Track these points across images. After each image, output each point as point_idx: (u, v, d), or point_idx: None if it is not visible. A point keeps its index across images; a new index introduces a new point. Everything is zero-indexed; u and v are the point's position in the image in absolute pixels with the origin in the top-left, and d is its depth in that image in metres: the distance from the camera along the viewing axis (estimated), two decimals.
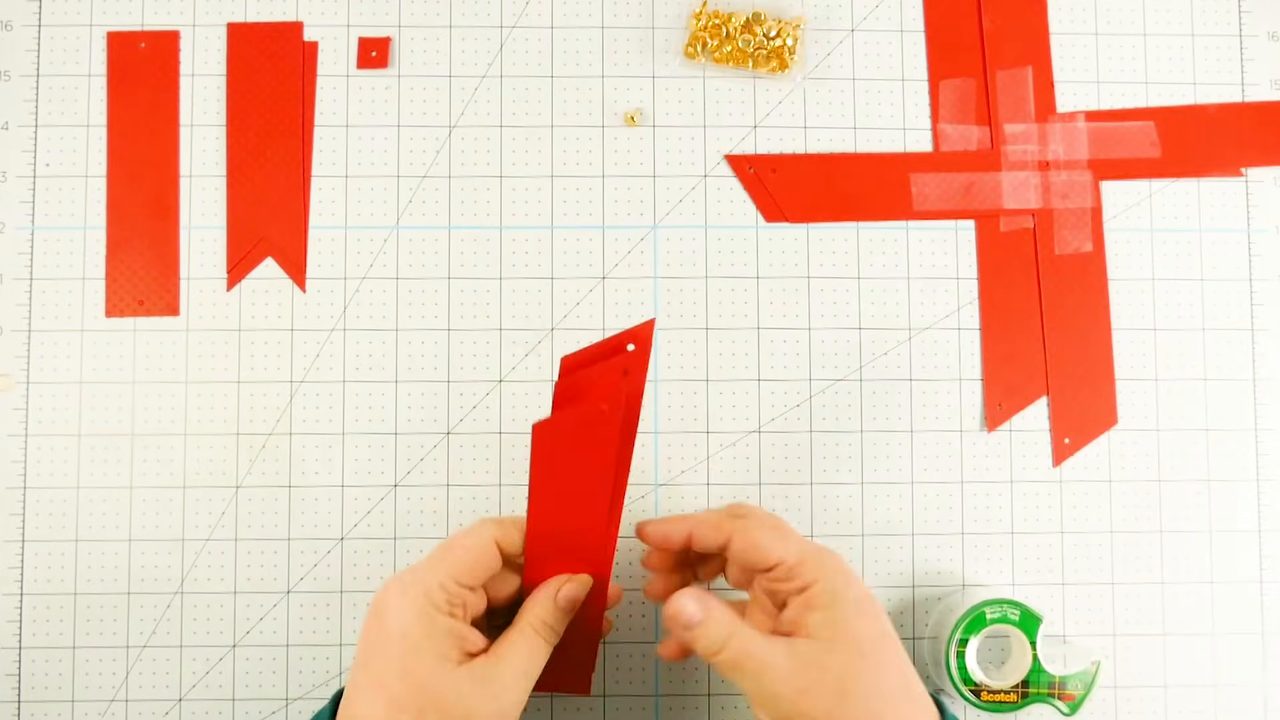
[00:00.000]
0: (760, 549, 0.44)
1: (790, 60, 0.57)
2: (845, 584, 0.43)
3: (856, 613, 0.42)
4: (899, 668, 0.42)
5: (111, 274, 0.55)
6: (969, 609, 0.51)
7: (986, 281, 0.57)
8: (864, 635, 0.42)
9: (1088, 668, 0.51)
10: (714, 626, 0.42)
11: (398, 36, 0.57)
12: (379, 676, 0.41)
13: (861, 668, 0.41)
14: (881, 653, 0.42)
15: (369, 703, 0.41)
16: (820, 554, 0.44)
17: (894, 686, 0.42)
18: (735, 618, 0.43)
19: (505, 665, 0.42)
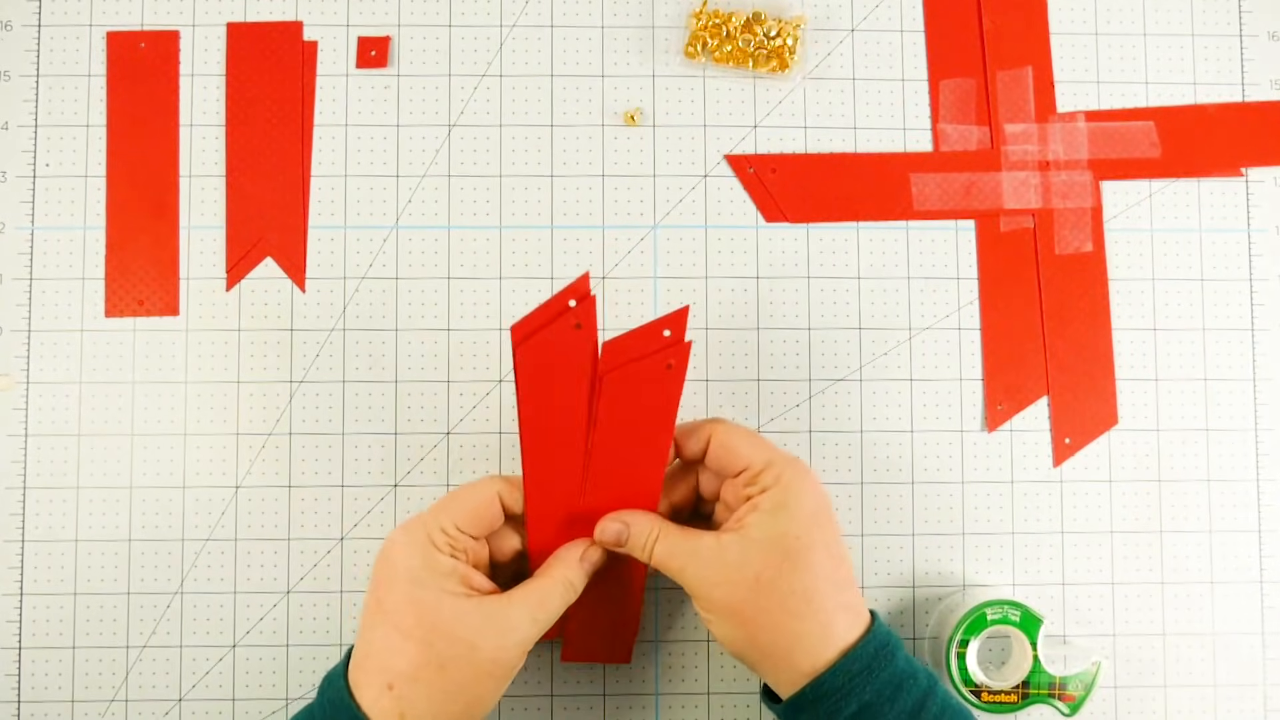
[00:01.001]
0: (732, 451, 0.46)
1: (790, 60, 0.57)
2: (798, 494, 0.44)
3: (796, 518, 0.43)
4: (829, 575, 0.44)
5: (111, 274, 0.55)
6: (970, 610, 0.51)
7: (986, 281, 0.57)
8: (794, 536, 0.43)
9: (1088, 668, 0.51)
10: (638, 533, 0.46)
11: (397, 36, 0.57)
12: (387, 610, 0.43)
13: (782, 566, 0.43)
14: (811, 556, 0.43)
15: (379, 634, 0.43)
16: (787, 464, 0.45)
17: (819, 589, 0.43)
18: (658, 520, 0.46)
19: (516, 606, 0.44)
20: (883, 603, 0.55)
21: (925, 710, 0.43)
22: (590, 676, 0.54)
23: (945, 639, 0.52)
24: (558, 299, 0.45)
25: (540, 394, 0.45)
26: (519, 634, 0.43)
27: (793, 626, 0.43)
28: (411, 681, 0.42)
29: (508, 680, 0.44)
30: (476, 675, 0.43)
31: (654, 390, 0.46)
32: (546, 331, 0.45)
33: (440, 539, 0.44)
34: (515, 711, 0.54)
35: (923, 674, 0.44)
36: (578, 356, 0.45)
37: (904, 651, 0.45)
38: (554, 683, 0.54)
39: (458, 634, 0.42)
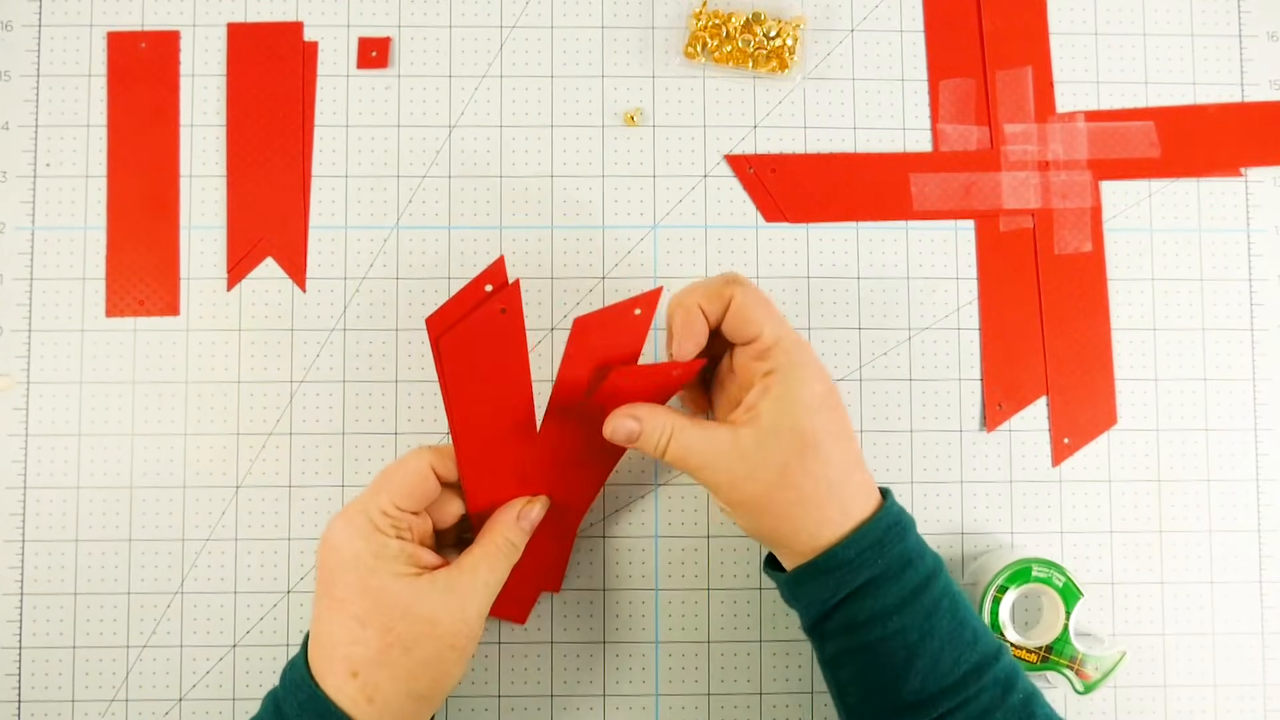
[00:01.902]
0: (746, 318, 0.45)
1: (790, 60, 0.57)
2: (804, 378, 0.44)
3: (808, 406, 0.44)
4: (842, 460, 0.44)
5: (111, 274, 0.55)
6: (1017, 559, 0.52)
7: (986, 281, 0.57)
8: (809, 427, 0.43)
9: (1111, 654, 0.52)
10: (652, 429, 0.45)
11: (398, 36, 0.57)
12: (340, 599, 0.43)
13: (804, 456, 0.43)
14: (826, 445, 0.44)
15: (337, 623, 0.43)
16: (794, 344, 0.45)
17: (835, 476, 0.44)
18: (673, 415, 0.45)
19: (465, 575, 0.44)
20: None
21: (929, 589, 0.43)
22: (590, 677, 0.54)
23: (983, 585, 0.52)
24: (472, 286, 0.45)
25: (469, 379, 0.45)
26: (475, 603, 0.44)
27: (814, 513, 0.43)
28: (376, 666, 0.42)
29: (471, 650, 0.45)
30: (440, 650, 0.43)
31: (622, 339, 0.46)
32: (469, 321, 0.44)
33: (383, 521, 0.44)
34: (515, 711, 0.54)
35: (930, 555, 0.45)
36: (507, 338, 0.45)
37: (915, 533, 0.45)
38: (554, 683, 0.54)
39: (417, 614, 0.43)
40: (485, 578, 0.45)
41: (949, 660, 0.43)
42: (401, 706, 0.43)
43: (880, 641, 0.43)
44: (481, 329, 0.44)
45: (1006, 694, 0.43)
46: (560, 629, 0.55)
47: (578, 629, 0.55)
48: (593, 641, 0.55)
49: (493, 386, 0.46)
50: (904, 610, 0.43)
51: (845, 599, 0.43)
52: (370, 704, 0.42)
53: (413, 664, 0.43)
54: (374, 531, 0.43)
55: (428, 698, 0.44)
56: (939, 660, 0.43)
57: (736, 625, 0.55)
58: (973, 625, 0.44)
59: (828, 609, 0.44)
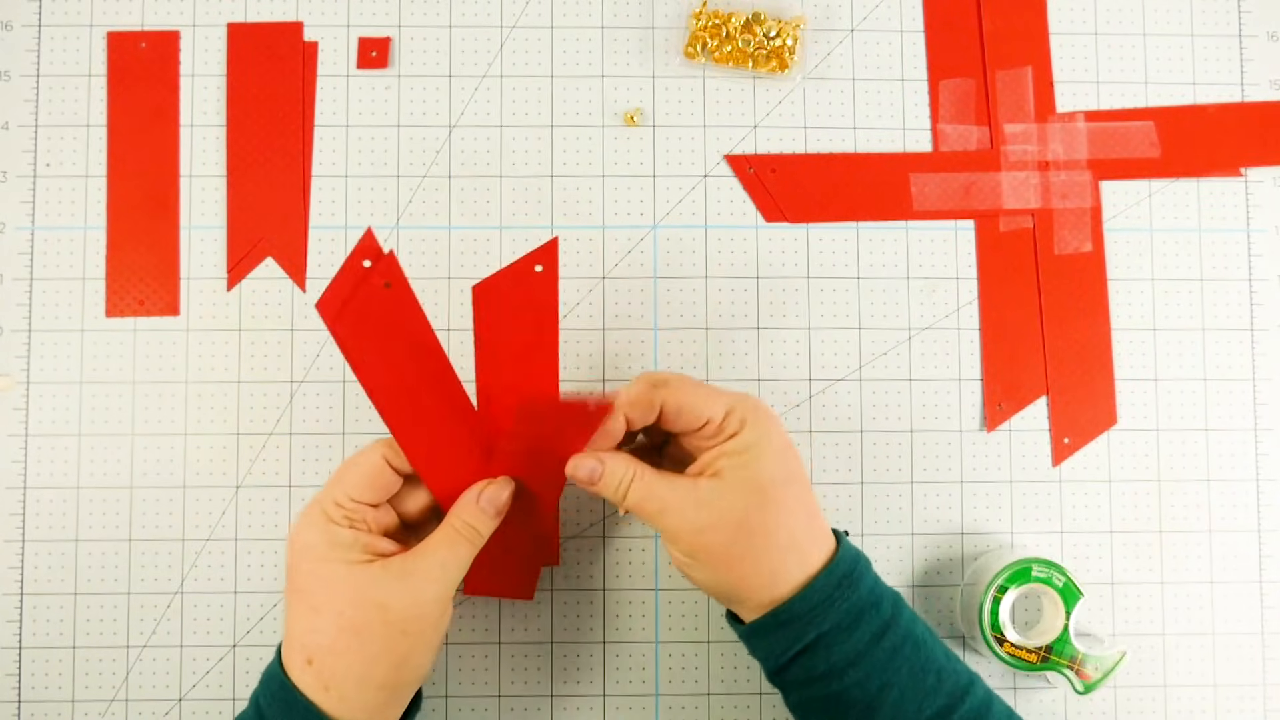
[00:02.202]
0: (690, 410, 0.45)
1: (790, 60, 0.57)
2: (766, 433, 0.44)
3: (768, 458, 0.44)
4: (802, 511, 0.44)
5: (111, 274, 0.55)
6: (1017, 559, 0.52)
7: (986, 281, 0.57)
8: (770, 478, 0.44)
9: (1111, 654, 0.52)
10: (612, 473, 0.45)
11: (398, 36, 0.57)
12: (298, 589, 0.43)
13: (765, 508, 0.43)
14: (785, 495, 0.44)
15: (296, 613, 0.43)
16: (748, 407, 0.45)
17: (794, 526, 0.44)
18: (634, 461, 0.45)
19: (421, 560, 0.44)
20: None
21: (886, 637, 0.43)
22: (590, 677, 0.54)
23: (983, 585, 0.52)
24: (349, 264, 0.44)
25: (377, 359, 0.44)
26: (430, 588, 0.43)
27: (774, 564, 0.43)
28: (329, 653, 0.42)
29: (431, 637, 0.44)
30: (392, 635, 0.42)
31: (530, 298, 0.46)
32: (356, 299, 0.43)
33: (336, 513, 0.44)
34: (515, 712, 0.54)
35: (887, 602, 0.44)
36: (401, 312, 0.44)
37: (871, 576, 0.45)
38: (554, 683, 0.54)
39: (366, 599, 0.42)
40: (442, 560, 0.44)
41: (911, 708, 0.42)
42: (360, 695, 0.42)
43: (841, 693, 0.43)
44: (372, 306, 0.44)
45: None
46: (560, 629, 0.55)
47: (578, 629, 0.55)
48: (593, 641, 0.55)
49: (404, 364, 0.45)
50: (861, 662, 0.42)
51: (802, 651, 0.43)
52: (327, 691, 0.42)
53: (366, 651, 0.42)
54: (326, 522, 0.43)
55: (389, 686, 0.43)
56: (901, 708, 0.42)
57: None
58: (937, 667, 0.43)
59: (785, 661, 0.44)
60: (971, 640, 0.54)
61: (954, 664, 0.44)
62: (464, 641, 0.54)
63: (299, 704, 0.42)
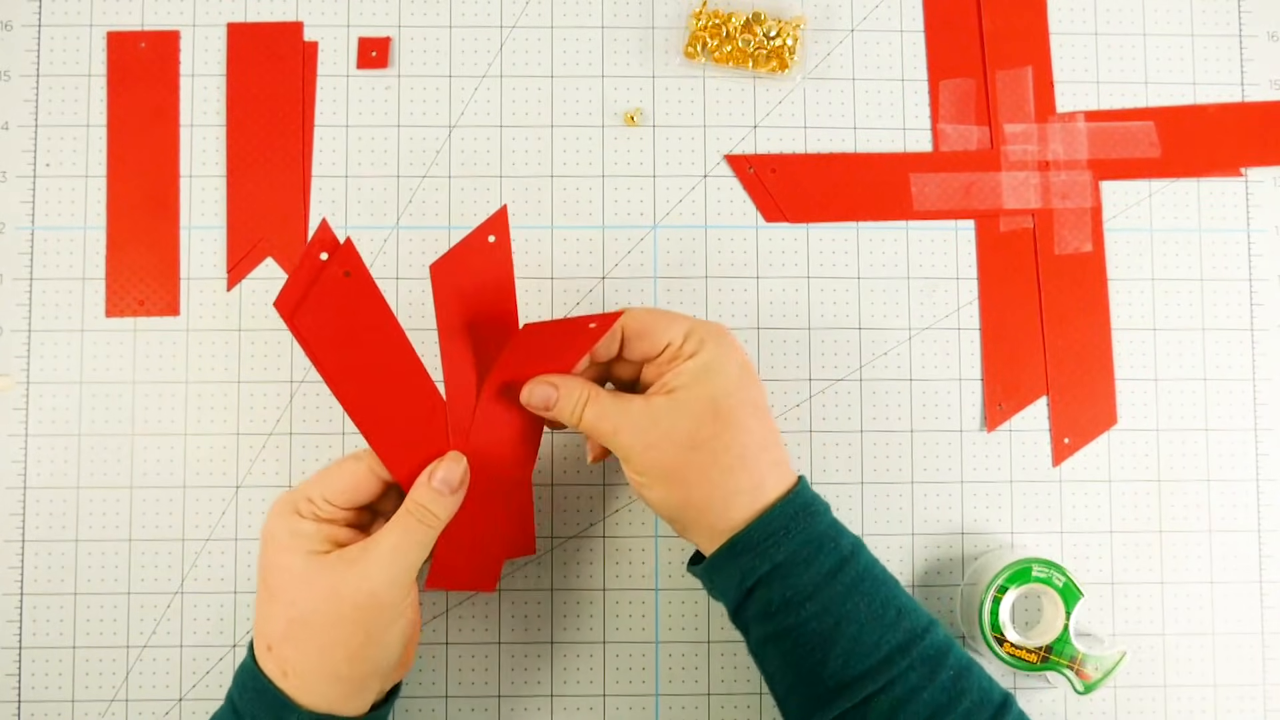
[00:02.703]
0: (649, 335, 0.45)
1: (790, 60, 0.57)
2: (724, 354, 0.44)
3: (722, 377, 0.44)
4: (759, 433, 0.44)
5: (111, 274, 0.55)
6: (1017, 560, 0.52)
7: (986, 281, 0.57)
8: (723, 395, 0.44)
9: (1111, 654, 0.52)
10: (567, 397, 0.45)
11: (398, 36, 0.57)
12: (262, 578, 0.44)
13: (715, 425, 0.43)
14: (739, 414, 0.44)
15: (260, 601, 0.44)
16: (708, 330, 0.45)
17: (749, 445, 0.43)
18: (589, 384, 0.45)
19: (373, 546, 0.43)
20: None
21: (844, 572, 0.43)
22: (590, 677, 0.54)
23: (983, 585, 0.52)
24: (306, 258, 0.43)
25: (338, 351, 0.43)
26: (381, 574, 0.42)
27: (726, 483, 0.43)
28: (284, 640, 0.42)
29: (392, 625, 0.43)
30: (344, 625, 0.42)
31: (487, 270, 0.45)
32: (315, 292, 0.42)
33: (306, 508, 0.44)
34: (515, 712, 0.54)
35: (847, 539, 0.44)
36: (363, 300, 0.43)
37: (830, 516, 0.45)
38: (554, 683, 0.54)
39: (318, 588, 0.42)
40: (394, 545, 0.43)
41: (870, 641, 0.42)
42: (317, 684, 0.42)
43: (797, 626, 0.43)
44: (332, 297, 0.43)
45: (935, 671, 0.42)
46: (560, 629, 0.55)
47: (578, 629, 0.55)
48: (592, 642, 0.55)
49: (367, 353, 0.44)
50: (818, 595, 0.42)
51: (758, 583, 0.43)
52: (285, 678, 0.42)
53: (318, 640, 0.42)
54: (293, 514, 0.43)
55: (346, 677, 0.43)
56: (859, 642, 0.42)
57: None
58: (898, 604, 0.43)
59: (742, 596, 0.44)
60: (971, 640, 0.54)
61: (914, 605, 0.44)
62: (464, 641, 0.54)
63: (266, 690, 0.42)
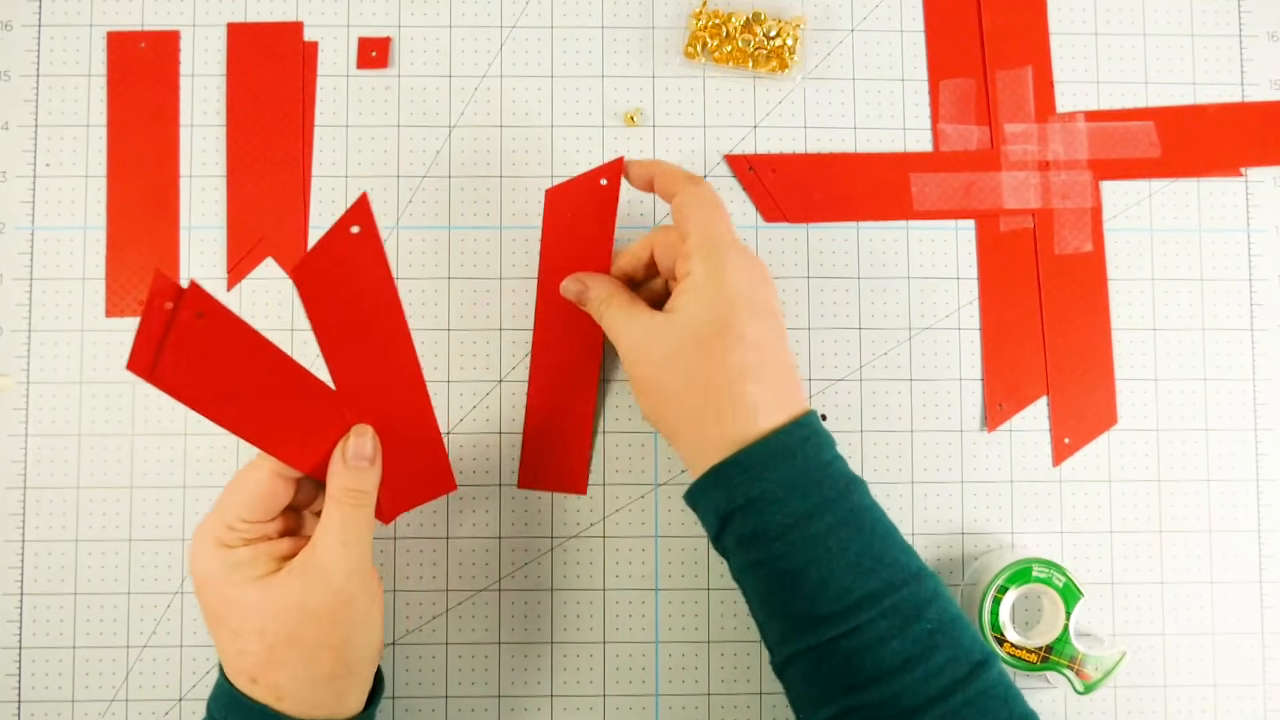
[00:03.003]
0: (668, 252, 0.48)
1: (790, 60, 0.57)
2: (719, 280, 0.45)
3: (713, 304, 0.44)
4: (738, 362, 0.44)
5: (111, 274, 0.55)
6: (1017, 560, 0.52)
7: (986, 281, 0.57)
8: (706, 322, 0.44)
9: (1111, 654, 0.52)
10: (593, 295, 0.49)
11: (398, 36, 0.57)
12: (216, 618, 0.42)
13: (691, 350, 0.44)
14: (718, 343, 0.44)
15: (221, 638, 0.43)
16: (714, 249, 0.45)
17: (717, 375, 0.44)
18: (616, 287, 0.49)
19: (318, 548, 0.42)
20: None
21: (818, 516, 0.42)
22: (590, 677, 0.54)
23: (983, 585, 0.52)
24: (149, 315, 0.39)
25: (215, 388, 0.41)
26: (337, 571, 0.42)
27: (704, 411, 0.44)
28: (268, 668, 0.42)
29: (365, 611, 0.43)
30: (322, 630, 0.42)
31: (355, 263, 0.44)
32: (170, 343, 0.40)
33: (229, 536, 0.42)
34: (515, 712, 0.54)
35: (835, 485, 0.43)
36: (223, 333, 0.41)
37: (826, 456, 0.44)
38: (554, 683, 0.54)
39: (282, 609, 0.41)
40: (338, 538, 0.42)
41: (839, 586, 0.42)
42: (313, 693, 0.42)
43: (767, 561, 0.42)
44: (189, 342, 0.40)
45: (910, 622, 0.41)
46: (560, 629, 0.55)
47: (577, 629, 0.55)
48: (593, 641, 0.55)
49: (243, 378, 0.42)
50: (788, 534, 0.42)
51: (732, 514, 0.43)
52: (281, 701, 0.42)
53: (303, 654, 0.42)
54: (220, 548, 0.42)
55: (340, 674, 0.43)
56: (825, 585, 0.42)
57: (736, 625, 0.55)
58: (881, 554, 0.42)
59: (719, 525, 0.44)
60: None
61: (904, 557, 0.43)
62: (464, 641, 0.54)
63: (257, 709, 0.42)
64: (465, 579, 0.55)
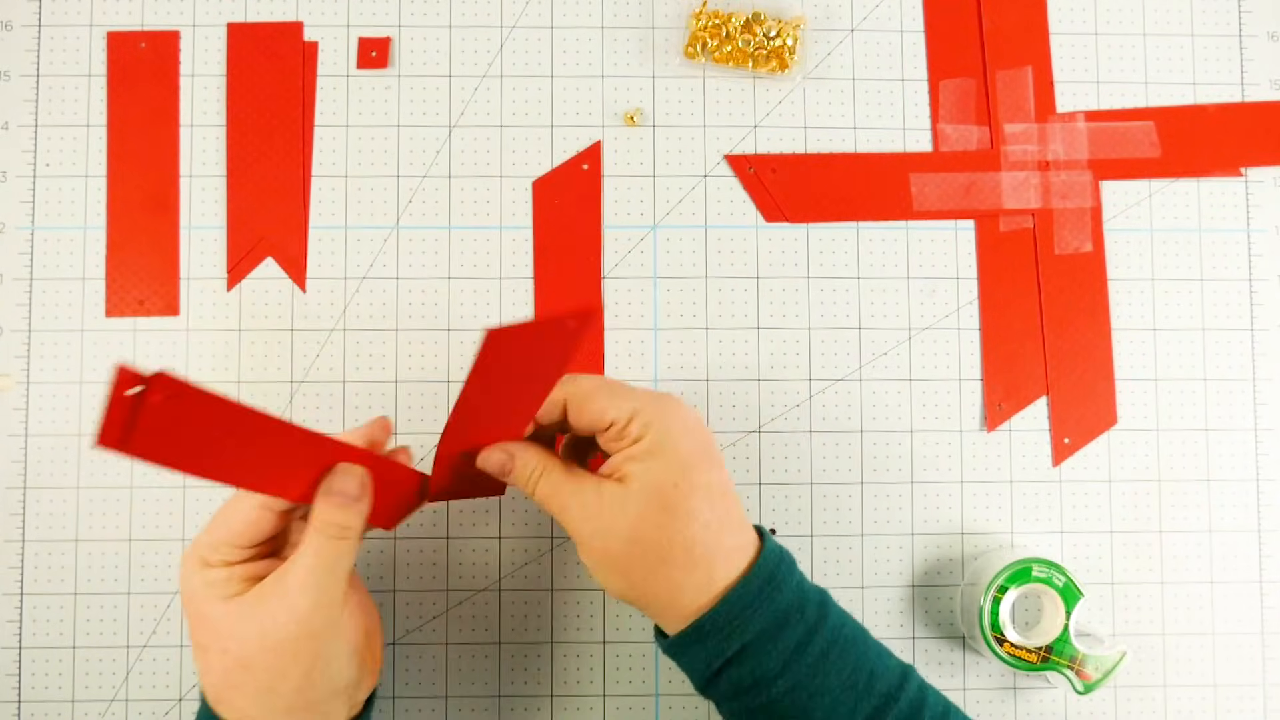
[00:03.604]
0: (590, 411, 0.43)
1: (790, 60, 0.57)
2: (671, 440, 0.43)
3: (673, 467, 0.42)
4: (708, 521, 0.42)
5: (111, 274, 0.55)
6: (1017, 560, 0.52)
7: (986, 281, 0.57)
8: (670, 485, 0.42)
9: (1111, 654, 0.52)
10: (523, 465, 0.44)
11: (398, 36, 0.57)
12: (191, 635, 0.42)
13: (661, 519, 0.42)
14: (688, 505, 0.42)
15: (195, 659, 0.42)
16: (655, 410, 0.43)
17: (696, 538, 0.42)
18: (545, 455, 0.44)
19: (288, 575, 0.41)
20: (882, 602, 0.55)
21: (813, 643, 0.42)
22: (590, 677, 0.54)
23: (983, 585, 0.52)
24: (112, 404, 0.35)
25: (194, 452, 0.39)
26: (302, 601, 0.40)
27: (673, 576, 0.42)
28: (227, 689, 0.41)
29: (333, 646, 0.42)
30: (282, 660, 0.41)
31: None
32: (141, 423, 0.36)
33: (213, 557, 0.42)
34: (515, 712, 0.54)
35: (812, 605, 0.43)
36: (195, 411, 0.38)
37: (795, 577, 0.43)
38: (554, 683, 0.54)
39: (243, 631, 0.41)
40: (309, 567, 0.41)
41: (845, 711, 0.41)
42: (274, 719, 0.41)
43: (770, 704, 0.42)
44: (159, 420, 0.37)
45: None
46: (560, 629, 0.55)
47: (577, 629, 0.55)
48: (593, 641, 0.55)
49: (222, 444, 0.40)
50: (788, 671, 0.41)
51: (727, 663, 0.42)
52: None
53: (258, 681, 0.41)
54: (202, 566, 0.42)
55: (298, 709, 0.41)
56: (834, 713, 0.41)
57: None
58: (870, 666, 0.42)
59: (710, 676, 0.43)
60: (971, 640, 0.54)
61: (886, 661, 0.43)
62: (464, 641, 0.54)
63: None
64: (465, 579, 0.55)
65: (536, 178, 0.56)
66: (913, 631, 0.55)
